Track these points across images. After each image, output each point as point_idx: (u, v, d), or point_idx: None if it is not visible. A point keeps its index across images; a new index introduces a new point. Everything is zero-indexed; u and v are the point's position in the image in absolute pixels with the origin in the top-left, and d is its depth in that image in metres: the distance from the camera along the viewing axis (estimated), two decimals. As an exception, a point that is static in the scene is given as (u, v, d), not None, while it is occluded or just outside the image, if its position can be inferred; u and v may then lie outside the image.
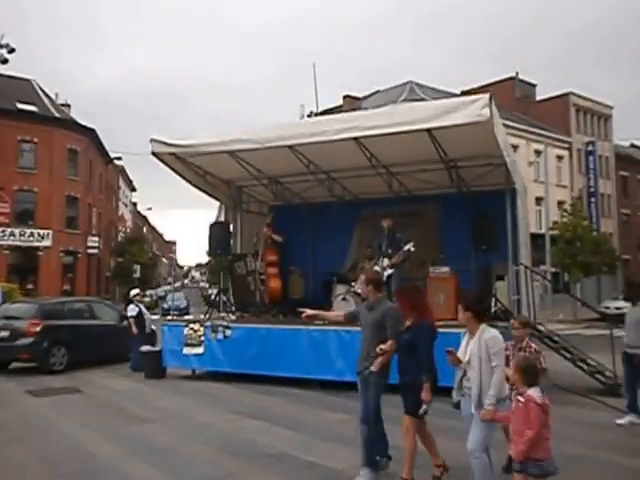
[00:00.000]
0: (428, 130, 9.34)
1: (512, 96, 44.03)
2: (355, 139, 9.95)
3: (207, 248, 12.39)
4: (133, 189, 69.17)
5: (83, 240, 39.95)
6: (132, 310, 11.84)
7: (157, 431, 7.16)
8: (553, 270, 27.27)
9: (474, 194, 12.47)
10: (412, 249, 9.83)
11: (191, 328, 10.78)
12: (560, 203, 35.85)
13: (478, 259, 12.26)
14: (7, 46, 19.65)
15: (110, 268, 47.60)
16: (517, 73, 46.09)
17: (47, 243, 36.77)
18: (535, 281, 11.99)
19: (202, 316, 11.98)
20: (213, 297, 12.38)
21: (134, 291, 12.52)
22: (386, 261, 10.15)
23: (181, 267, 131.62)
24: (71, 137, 38.76)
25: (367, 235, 13.92)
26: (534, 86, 47.51)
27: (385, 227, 10.28)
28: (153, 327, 12.43)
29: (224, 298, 12.77)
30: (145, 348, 11.02)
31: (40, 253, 36.59)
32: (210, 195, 13.16)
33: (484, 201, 11.71)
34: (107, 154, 44.71)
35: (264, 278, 11.73)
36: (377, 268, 10.24)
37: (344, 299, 11.40)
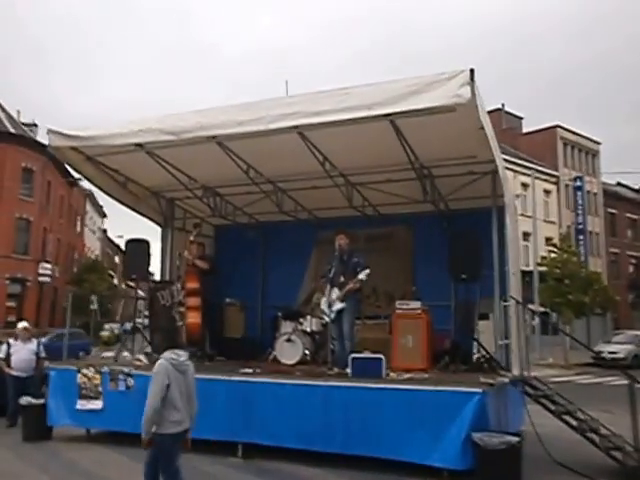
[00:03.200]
0: (391, 120, 7.14)
1: (498, 128, 42.52)
2: (300, 133, 7.73)
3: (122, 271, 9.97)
4: (104, 215, 66.26)
5: (34, 267, 36.92)
6: (1, 351, 9.31)
7: None
8: (541, 310, 25.05)
9: (454, 212, 10.28)
10: (364, 278, 7.52)
11: (84, 375, 8.26)
12: (548, 239, 33.93)
13: (459, 293, 10.04)
14: None
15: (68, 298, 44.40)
16: (503, 105, 44.72)
17: (-8, 269, 33.85)
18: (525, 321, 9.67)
19: (107, 354, 9.41)
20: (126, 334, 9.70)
21: (21, 324, 9.93)
22: (336, 292, 7.80)
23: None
24: (27, 155, 36.01)
25: (325, 262, 11.65)
26: (521, 119, 46.21)
27: (337, 247, 7.96)
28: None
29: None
30: (25, 400, 8.45)
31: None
32: (133, 209, 10.75)
33: (466, 220, 9.57)
34: (71, 175, 41.80)
35: (182, 311, 9.28)
36: (324, 301, 7.90)
37: (289, 340, 9.00)
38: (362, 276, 7.45)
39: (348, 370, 7.10)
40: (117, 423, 7.96)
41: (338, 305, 7.66)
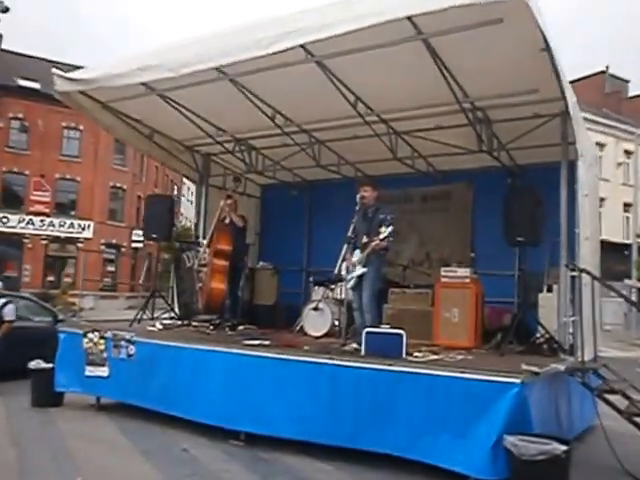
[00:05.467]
0: (424, 39, 5.78)
1: (601, 92, 38.79)
2: (319, 62, 6.52)
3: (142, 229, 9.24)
4: (201, 186, 67.41)
5: (128, 233, 38.10)
6: None
7: None
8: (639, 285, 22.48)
9: (521, 167, 8.75)
10: (390, 236, 6.22)
11: (90, 340, 7.58)
12: (652, 210, 30.58)
13: (524, 261, 8.55)
14: (1, 4, 17.50)
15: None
16: (607, 67, 40.68)
17: (88, 235, 35.22)
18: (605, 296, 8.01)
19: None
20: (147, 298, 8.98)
21: None
22: (358, 254, 6.58)
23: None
24: (121, 126, 36.87)
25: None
26: (627, 82, 41.90)
27: (359, 201, 6.70)
28: None
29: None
30: (34, 364, 7.92)
31: (80, 245, 35.00)
32: (164, 164, 10.04)
33: (536, 176, 8.04)
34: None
35: (206, 272, 8.27)
36: (344, 265, 6.68)
37: (316, 309, 7.92)
38: (384, 234, 6.14)
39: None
40: (120, 393, 7.23)
41: (358, 270, 6.42)
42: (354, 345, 6.23)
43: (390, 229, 6.11)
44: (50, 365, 7.84)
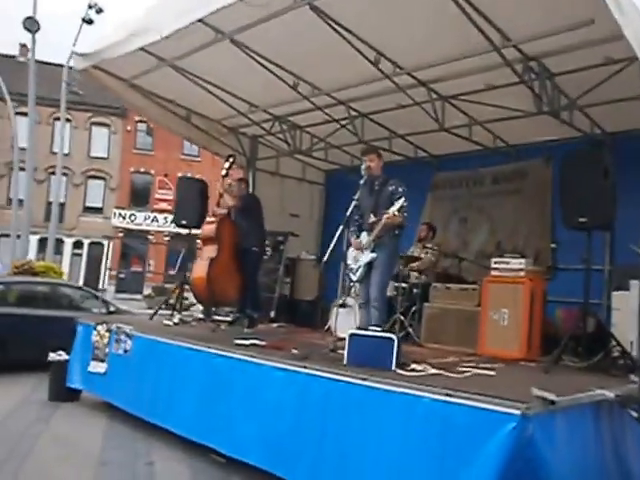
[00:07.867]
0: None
1: None
2: (308, 4, 5.40)
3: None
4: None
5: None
6: None
7: None
8: None
9: (612, 136, 7.02)
10: (404, 204, 4.91)
11: (98, 332, 7.00)
12: None
13: (618, 252, 6.91)
14: (95, 6, 18.04)
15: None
16: None
17: (205, 232, 36.17)
18: None
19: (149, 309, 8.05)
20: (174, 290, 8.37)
21: None
22: (365, 237, 5.34)
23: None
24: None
25: (443, 211, 9.07)
26: None
27: (364, 173, 5.41)
28: None
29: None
30: (53, 356, 7.49)
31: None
32: (207, 149, 9.45)
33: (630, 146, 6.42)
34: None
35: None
36: (350, 253, 5.44)
37: (343, 305, 6.73)
38: (396, 207, 4.83)
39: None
40: (113, 393, 6.46)
41: (366, 256, 5.18)
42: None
43: (401, 201, 4.85)
44: (64, 357, 7.38)
